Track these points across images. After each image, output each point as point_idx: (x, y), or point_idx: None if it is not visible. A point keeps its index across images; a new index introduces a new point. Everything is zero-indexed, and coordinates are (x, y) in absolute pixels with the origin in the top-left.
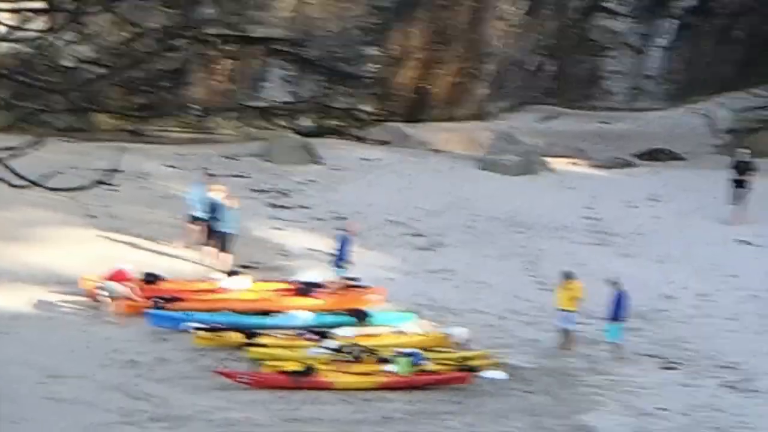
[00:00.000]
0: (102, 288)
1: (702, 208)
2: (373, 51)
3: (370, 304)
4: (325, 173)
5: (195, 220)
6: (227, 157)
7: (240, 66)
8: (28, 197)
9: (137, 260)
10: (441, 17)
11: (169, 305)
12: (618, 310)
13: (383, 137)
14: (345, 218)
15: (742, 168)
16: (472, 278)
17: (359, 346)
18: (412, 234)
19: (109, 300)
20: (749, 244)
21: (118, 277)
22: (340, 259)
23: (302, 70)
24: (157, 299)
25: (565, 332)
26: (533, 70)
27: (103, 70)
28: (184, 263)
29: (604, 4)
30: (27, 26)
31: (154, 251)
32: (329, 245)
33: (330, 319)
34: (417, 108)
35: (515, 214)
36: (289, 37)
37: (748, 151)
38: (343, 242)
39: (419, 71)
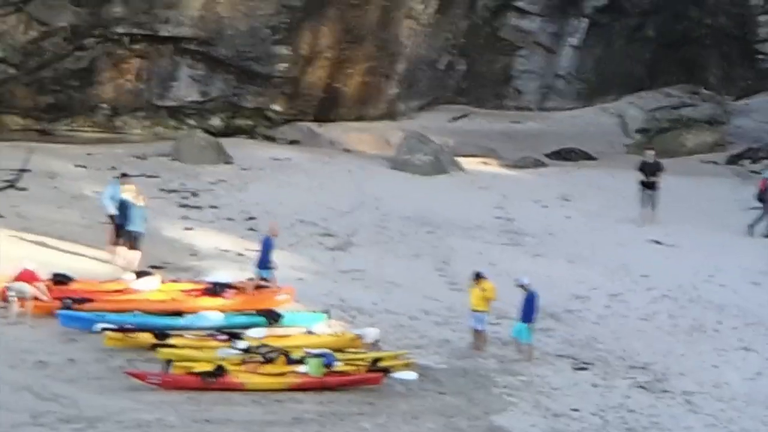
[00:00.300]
0: (10, 289)
1: (613, 208)
2: (283, 50)
3: (280, 304)
4: (235, 173)
5: (111, 219)
6: (137, 157)
7: (149, 65)
8: None
9: (46, 260)
10: (351, 16)
11: (78, 306)
12: (528, 311)
13: (293, 137)
14: (254, 218)
15: (649, 169)
16: (383, 278)
17: (270, 346)
18: (323, 234)
19: (16, 301)
20: (659, 243)
21: (26, 277)
22: (263, 261)
23: (212, 69)
24: (66, 300)
25: (477, 332)
26: (444, 69)
27: (11, 70)
28: (94, 263)
29: (515, 3)
30: None
31: (63, 251)
32: (240, 245)
33: (240, 319)
34: (327, 107)
35: (426, 214)
36: (199, 36)
37: (652, 152)
38: (266, 244)
39: (329, 70)
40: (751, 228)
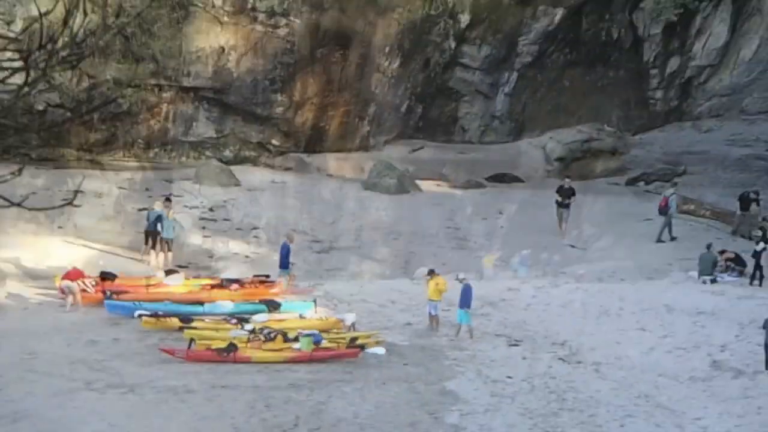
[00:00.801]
0: (65, 284)
1: (537, 219)
2: (279, 97)
3: (274, 295)
4: (243, 193)
5: (154, 232)
6: (166, 181)
7: (175, 109)
8: (9, 213)
9: (94, 261)
10: (333, 71)
11: (120, 297)
12: (465, 300)
13: (288, 165)
14: (258, 228)
15: (564, 193)
16: (359, 275)
17: (270, 328)
18: (311, 240)
19: (71, 293)
20: (574, 247)
21: (75, 275)
22: (283, 263)
23: (224, 112)
24: (110, 292)
25: (432, 317)
26: (405, 111)
27: (68, 113)
28: (132, 263)
29: (460, 60)
30: (8, 81)
31: (108, 254)
32: (247, 249)
33: (247, 307)
34: (314, 141)
35: (392, 225)
36: (214, 86)
37: (568, 179)
38: (284, 248)
39: (316, 113)
40: (659, 237)
